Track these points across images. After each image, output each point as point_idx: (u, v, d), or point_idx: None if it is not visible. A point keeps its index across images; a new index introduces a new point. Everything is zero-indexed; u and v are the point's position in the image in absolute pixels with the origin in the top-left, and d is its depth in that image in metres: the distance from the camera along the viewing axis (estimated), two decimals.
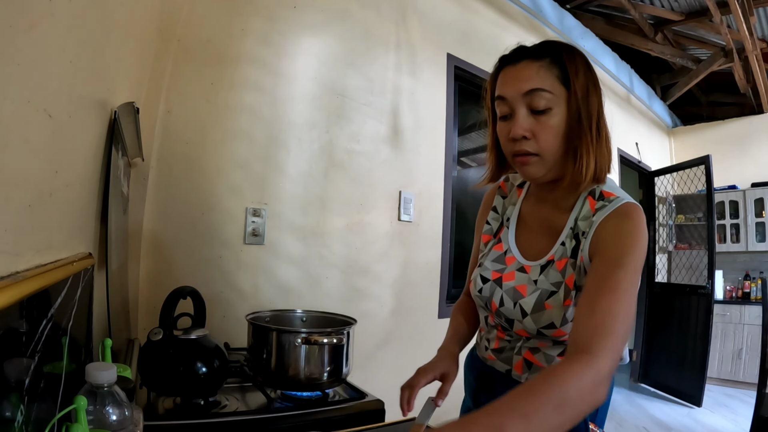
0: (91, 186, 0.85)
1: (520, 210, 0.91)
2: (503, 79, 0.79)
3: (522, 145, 0.76)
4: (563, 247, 0.79)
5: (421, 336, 2.18)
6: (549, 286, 0.78)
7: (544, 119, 0.74)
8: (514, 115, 0.76)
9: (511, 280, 0.83)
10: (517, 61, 0.77)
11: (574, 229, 0.79)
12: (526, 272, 0.82)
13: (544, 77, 0.74)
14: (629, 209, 0.73)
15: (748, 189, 4.70)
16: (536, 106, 0.74)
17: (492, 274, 0.87)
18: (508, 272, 0.85)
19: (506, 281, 0.84)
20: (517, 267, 0.84)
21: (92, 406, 0.55)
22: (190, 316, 1.12)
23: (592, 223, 0.74)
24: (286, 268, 1.75)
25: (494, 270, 0.87)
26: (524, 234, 0.88)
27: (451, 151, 2.38)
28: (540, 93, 0.74)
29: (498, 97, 0.79)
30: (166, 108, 1.51)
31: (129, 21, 0.99)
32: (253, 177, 1.68)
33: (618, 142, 4.03)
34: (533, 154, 0.76)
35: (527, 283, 0.81)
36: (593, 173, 0.75)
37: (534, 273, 0.81)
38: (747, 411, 3.18)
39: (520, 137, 0.75)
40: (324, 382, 1.15)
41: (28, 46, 0.46)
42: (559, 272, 0.78)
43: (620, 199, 0.75)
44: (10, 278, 0.44)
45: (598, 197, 0.78)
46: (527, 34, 2.93)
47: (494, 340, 0.89)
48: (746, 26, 3.20)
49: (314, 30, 1.87)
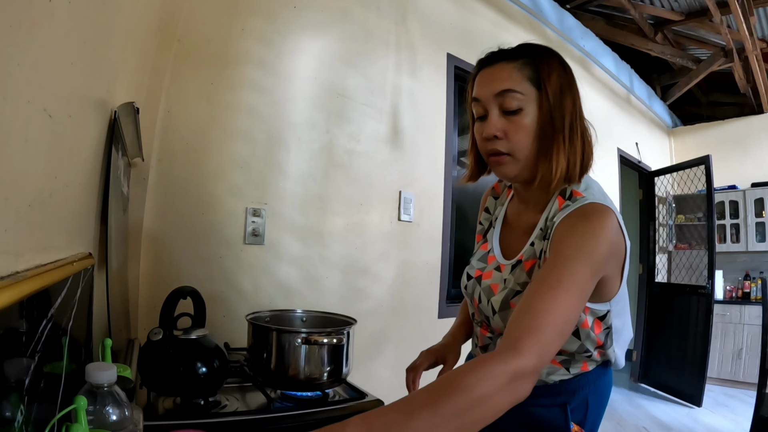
0: (91, 186, 0.85)
1: (506, 210, 0.93)
2: (479, 80, 0.81)
3: (495, 144, 0.77)
4: (532, 248, 0.80)
5: (421, 336, 2.18)
6: (515, 286, 0.78)
7: (516, 119, 0.76)
8: (488, 115, 0.78)
9: (488, 279, 0.85)
10: (493, 63, 0.79)
11: (544, 229, 0.79)
12: (501, 271, 0.84)
13: (516, 78, 0.76)
14: (588, 209, 0.71)
15: (748, 189, 4.70)
16: (508, 106, 0.76)
17: (475, 271, 0.90)
18: (488, 271, 0.87)
19: (484, 279, 0.86)
20: (495, 266, 0.86)
21: (92, 406, 0.55)
22: (190, 316, 1.12)
23: (554, 224, 0.74)
24: (286, 268, 1.75)
25: (477, 268, 0.90)
26: (507, 234, 0.90)
27: (451, 151, 2.38)
28: (511, 94, 0.75)
29: (474, 98, 0.81)
30: (166, 108, 1.51)
31: (129, 21, 0.99)
32: (253, 177, 1.68)
33: (618, 142, 4.03)
34: (505, 153, 0.77)
35: (499, 282, 0.83)
36: (564, 173, 0.75)
37: (506, 272, 0.82)
38: (747, 411, 3.18)
39: (492, 137, 0.77)
40: (324, 382, 1.15)
41: (28, 46, 0.46)
42: (526, 272, 0.78)
43: (585, 199, 0.74)
44: (10, 278, 0.44)
45: (567, 197, 0.77)
46: (527, 34, 2.94)
47: (479, 337, 0.91)
48: (746, 26, 3.20)
49: (314, 30, 1.87)
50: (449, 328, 1.06)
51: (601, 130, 3.36)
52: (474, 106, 0.81)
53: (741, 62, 3.94)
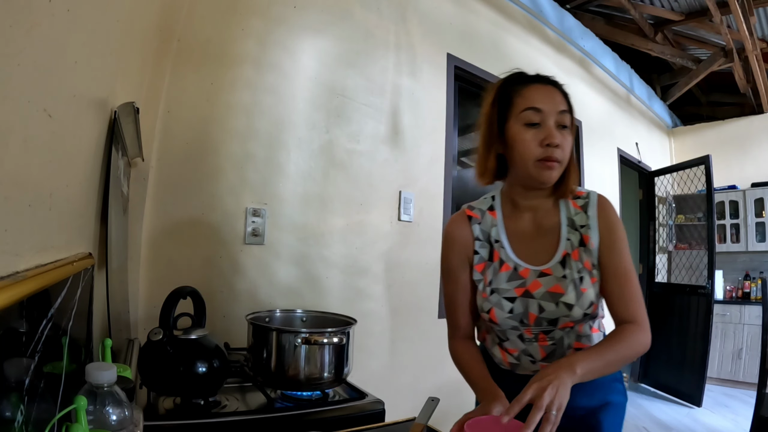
0: (91, 186, 0.85)
1: (506, 228, 0.97)
2: (537, 93, 0.90)
3: (554, 152, 0.88)
4: (569, 241, 0.92)
5: (421, 336, 2.18)
6: (576, 275, 0.89)
7: (566, 134, 0.89)
8: (544, 125, 0.88)
9: (540, 287, 0.90)
10: (546, 84, 0.92)
11: (571, 224, 0.93)
12: (549, 274, 0.91)
13: (566, 104, 0.92)
14: (605, 200, 0.94)
15: (748, 189, 4.70)
16: (565, 122, 0.89)
17: (515, 291, 0.92)
18: (531, 283, 0.91)
19: (535, 290, 0.91)
20: (537, 275, 0.92)
21: (92, 406, 0.55)
22: (190, 316, 1.12)
23: (590, 217, 0.92)
24: (286, 267, 1.75)
25: (515, 287, 0.92)
26: (520, 247, 0.95)
27: (451, 151, 2.38)
28: (567, 114, 0.90)
29: (532, 107, 0.89)
30: (166, 108, 1.51)
31: (129, 21, 0.99)
32: (253, 177, 1.68)
33: (618, 142, 4.03)
34: (557, 161, 0.88)
35: (558, 282, 0.90)
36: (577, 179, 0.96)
37: (557, 271, 0.91)
38: (747, 411, 3.18)
39: (556, 145, 0.87)
40: (324, 382, 1.16)
41: (28, 46, 0.46)
42: (577, 261, 0.90)
43: (592, 192, 0.95)
44: (10, 278, 0.44)
45: (574, 195, 0.95)
46: (527, 34, 2.94)
47: (538, 352, 0.93)
48: (746, 26, 3.20)
49: (314, 30, 1.87)
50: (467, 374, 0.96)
51: (601, 130, 3.36)
52: (530, 114, 0.89)
53: (741, 62, 3.94)
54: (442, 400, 0.94)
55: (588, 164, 3.47)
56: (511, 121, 0.91)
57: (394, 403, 1.32)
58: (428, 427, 0.89)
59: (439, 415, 0.91)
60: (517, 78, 0.94)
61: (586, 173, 3.44)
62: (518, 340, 0.94)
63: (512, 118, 0.91)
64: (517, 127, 0.90)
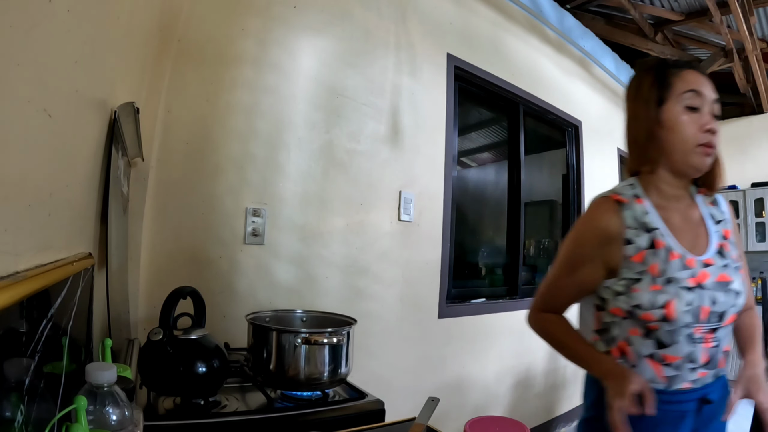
0: (91, 186, 0.85)
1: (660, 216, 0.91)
2: (695, 79, 0.90)
3: (713, 137, 0.88)
4: (717, 233, 0.94)
5: (421, 336, 2.18)
6: (735, 263, 0.92)
7: (717, 123, 0.90)
8: (701, 111, 0.88)
9: (708, 277, 0.87)
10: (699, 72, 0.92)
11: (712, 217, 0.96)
12: (712, 264, 0.89)
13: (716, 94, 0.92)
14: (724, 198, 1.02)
15: (748, 189, 4.70)
16: (718, 111, 0.90)
17: (689, 281, 0.86)
18: (700, 273, 0.87)
19: (704, 281, 0.86)
20: (702, 265, 0.88)
21: (92, 406, 0.55)
22: (190, 316, 1.12)
23: (723, 212, 0.97)
24: (286, 267, 1.75)
25: (689, 278, 0.86)
26: (678, 235, 0.90)
27: (451, 151, 2.38)
28: (719, 104, 0.91)
29: (695, 90, 0.89)
30: (166, 108, 1.51)
31: (129, 21, 0.99)
32: (253, 177, 1.68)
33: (618, 142, 4.03)
34: (713, 147, 0.88)
35: (722, 271, 0.89)
36: None
37: (718, 261, 0.90)
38: (747, 411, 3.17)
39: (714, 132, 0.88)
40: (324, 382, 1.15)
41: (28, 46, 0.46)
42: (729, 251, 0.92)
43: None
44: (10, 278, 0.44)
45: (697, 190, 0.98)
46: (527, 34, 2.93)
47: (700, 356, 0.86)
48: (746, 26, 3.20)
49: (314, 30, 1.87)
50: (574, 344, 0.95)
51: (601, 130, 3.34)
52: (692, 98, 0.88)
53: (741, 62, 3.94)
54: (442, 400, 0.94)
55: (588, 164, 3.47)
56: (670, 102, 0.88)
57: (394, 403, 1.32)
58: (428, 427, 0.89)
59: (439, 415, 0.91)
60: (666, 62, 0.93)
61: (587, 173, 3.44)
62: (686, 342, 0.85)
63: (671, 100, 0.88)
64: (678, 109, 0.88)
